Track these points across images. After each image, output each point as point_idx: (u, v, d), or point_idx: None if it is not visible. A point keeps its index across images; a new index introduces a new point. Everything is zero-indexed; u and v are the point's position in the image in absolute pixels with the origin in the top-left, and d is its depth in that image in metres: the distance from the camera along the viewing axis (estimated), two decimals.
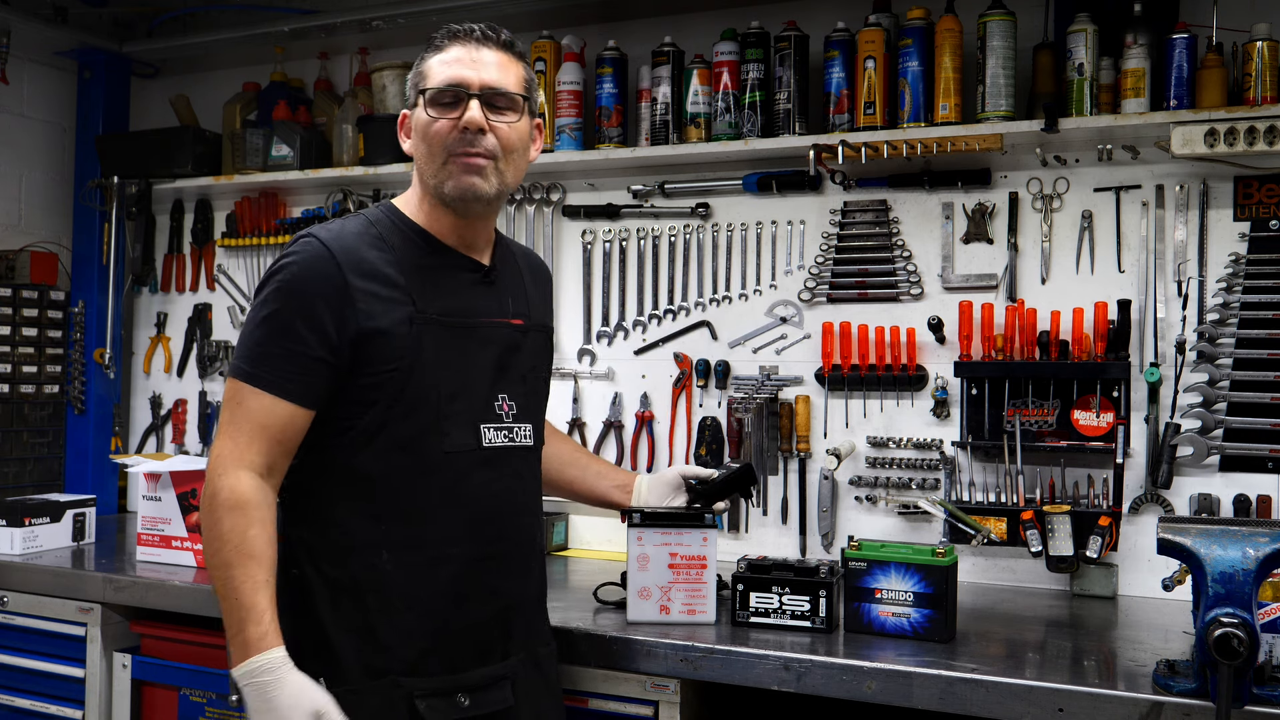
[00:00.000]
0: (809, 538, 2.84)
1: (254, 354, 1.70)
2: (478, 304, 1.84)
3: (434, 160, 1.77)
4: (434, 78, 1.77)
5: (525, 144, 1.84)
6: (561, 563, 2.88)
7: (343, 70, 3.54)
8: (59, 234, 3.75)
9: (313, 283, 1.69)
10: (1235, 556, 1.67)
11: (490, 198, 1.79)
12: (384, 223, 1.81)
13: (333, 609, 1.73)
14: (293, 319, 1.68)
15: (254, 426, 1.68)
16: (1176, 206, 2.55)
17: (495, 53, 1.79)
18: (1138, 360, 2.55)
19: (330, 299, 1.69)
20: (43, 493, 3.35)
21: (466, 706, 1.76)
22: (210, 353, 3.64)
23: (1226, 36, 2.45)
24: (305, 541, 1.76)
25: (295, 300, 1.69)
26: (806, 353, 2.87)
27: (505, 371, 1.84)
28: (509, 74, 1.79)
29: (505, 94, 1.77)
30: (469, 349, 1.79)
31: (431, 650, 1.75)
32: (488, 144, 1.75)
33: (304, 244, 1.74)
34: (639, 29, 3.07)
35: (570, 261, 3.16)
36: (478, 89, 1.75)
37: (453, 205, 1.79)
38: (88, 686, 2.64)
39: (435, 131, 1.76)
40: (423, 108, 1.78)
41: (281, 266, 1.73)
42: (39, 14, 3.47)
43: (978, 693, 1.82)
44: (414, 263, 1.78)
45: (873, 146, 2.63)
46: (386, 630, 1.72)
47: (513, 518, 1.87)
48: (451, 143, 1.75)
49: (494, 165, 1.77)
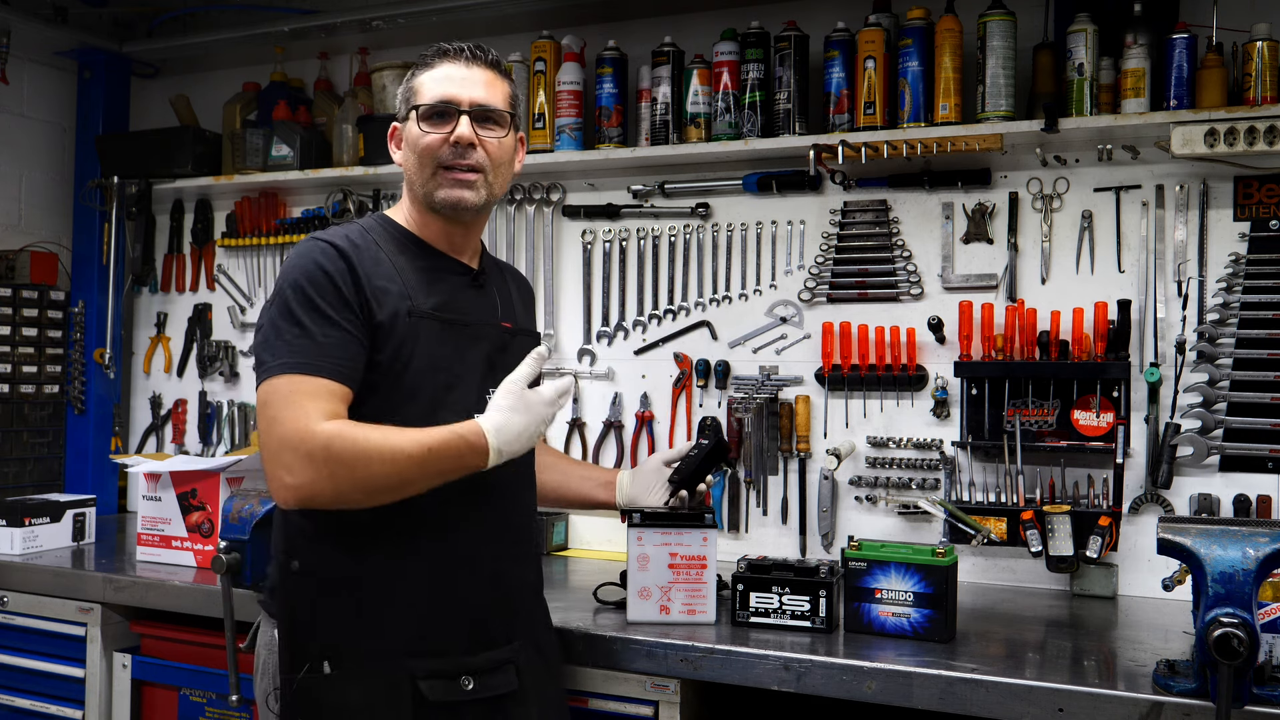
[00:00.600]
0: (809, 538, 2.85)
1: (291, 347, 1.71)
2: (468, 304, 1.90)
3: (424, 171, 1.85)
4: (425, 94, 1.86)
5: (511, 157, 1.94)
6: (561, 563, 2.88)
7: (343, 70, 3.54)
8: (59, 234, 3.75)
9: (330, 274, 1.74)
10: (1235, 556, 1.67)
11: (479, 207, 1.88)
12: (376, 229, 1.88)
13: (335, 595, 1.75)
14: (321, 308, 1.72)
15: (313, 399, 1.68)
16: (1176, 206, 2.55)
17: (484, 71, 1.89)
18: (1138, 360, 2.55)
19: (348, 288, 1.74)
20: (43, 493, 3.35)
21: (470, 689, 1.78)
22: (210, 353, 3.64)
23: (1226, 36, 2.45)
24: (305, 531, 1.78)
25: (320, 291, 1.73)
26: (806, 353, 2.87)
27: (494, 369, 1.89)
28: (496, 92, 1.89)
29: (493, 110, 1.87)
30: (461, 344, 1.85)
31: (433, 633, 1.78)
32: (477, 157, 1.85)
33: (311, 245, 1.79)
34: (639, 29, 3.07)
35: (570, 261, 3.16)
36: (467, 105, 1.85)
37: (442, 213, 1.87)
38: (88, 686, 2.65)
39: (426, 145, 1.84)
40: (415, 122, 1.86)
41: (295, 266, 1.77)
42: (39, 14, 3.47)
43: (978, 693, 1.83)
44: (407, 264, 1.84)
45: (873, 146, 2.63)
46: (388, 614, 1.75)
47: (509, 506, 1.91)
48: (442, 156, 1.84)
49: (483, 178, 1.86)
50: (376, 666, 1.73)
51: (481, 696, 1.79)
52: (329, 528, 1.76)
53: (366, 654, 1.74)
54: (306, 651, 1.73)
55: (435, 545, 1.80)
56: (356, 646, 1.74)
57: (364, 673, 1.73)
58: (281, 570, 1.79)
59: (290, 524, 1.79)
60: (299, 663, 1.74)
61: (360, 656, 1.74)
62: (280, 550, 1.80)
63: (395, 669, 1.73)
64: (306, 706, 1.74)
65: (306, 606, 1.76)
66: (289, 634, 1.76)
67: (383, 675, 1.73)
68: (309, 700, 1.74)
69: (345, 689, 1.71)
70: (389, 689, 1.73)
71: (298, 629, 1.75)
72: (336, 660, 1.73)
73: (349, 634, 1.74)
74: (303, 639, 1.74)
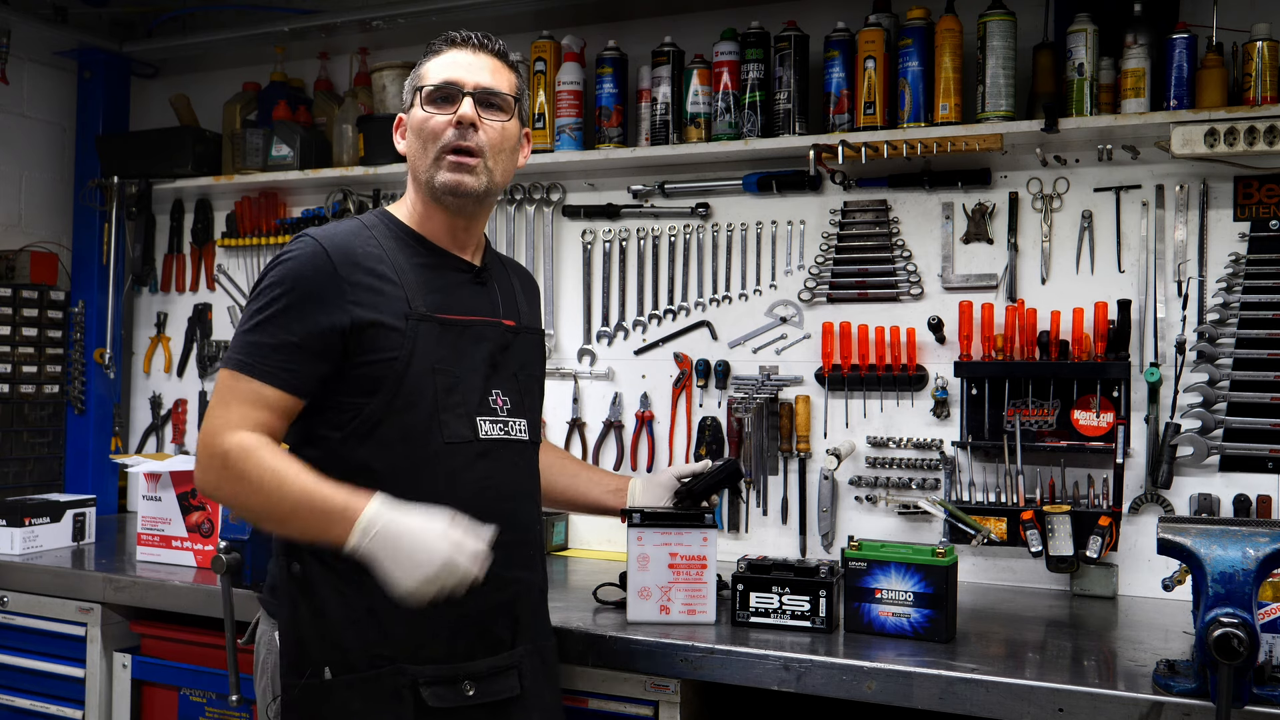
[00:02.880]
0: (809, 538, 2.85)
1: (244, 344, 1.74)
2: (470, 302, 1.89)
3: (427, 154, 1.84)
4: (430, 77, 1.87)
5: (514, 146, 1.92)
6: (561, 563, 2.88)
7: (343, 70, 3.54)
8: (59, 234, 3.75)
9: (306, 277, 1.74)
10: (1235, 556, 1.67)
11: (479, 194, 1.85)
12: (378, 226, 1.87)
13: (337, 599, 1.74)
14: (283, 311, 1.73)
15: (244, 404, 1.72)
16: (1176, 206, 2.55)
17: (489, 59, 1.89)
18: (1138, 360, 2.55)
19: (323, 292, 1.73)
20: (43, 493, 3.35)
21: (471, 695, 1.77)
22: (210, 353, 3.64)
23: (1226, 36, 2.45)
24: None
25: (288, 294, 1.73)
26: (806, 353, 2.87)
27: (497, 369, 1.88)
28: (501, 78, 1.89)
29: (497, 94, 1.87)
30: (462, 345, 1.83)
31: (436, 638, 1.76)
32: (479, 139, 1.83)
33: (299, 243, 1.80)
34: (639, 29, 3.07)
35: (570, 261, 3.16)
36: (471, 88, 1.85)
37: (443, 200, 1.85)
38: (88, 686, 2.64)
39: (430, 127, 1.84)
40: (419, 105, 1.86)
41: (277, 263, 1.78)
42: (39, 14, 3.47)
43: (978, 693, 1.83)
44: (407, 262, 1.83)
45: (873, 146, 2.63)
46: (390, 619, 1.73)
47: (513, 509, 1.88)
48: (445, 139, 1.83)
49: (483, 163, 1.84)
50: (377, 672, 1.72)
51: (483, 702, 1.78)
52: None
53: (367, 660, 1.73)
54: (307, 657, 1.72)
55: None
56: (357, 652, 1.73)
57: (364, 678, 1.72)
58: (283, 573, 1.79)
59: None
60: (300, 668, 1.74)
61: (361, 662, 1.72)
62: (281, 553, 1.80)
63: (396, 675, 1.72)
64: (307, 713, 1.73)
65: (307, 610, 1.75)
66: (289, 638, 1.75)
67: (384, 681, 1.72)
68: (309, 707, 1.73)
69: (346, 695, 1.70)
70: (390, 695, 1.72)
71: (298, 633, 1.75)
72: (337, 666, 1.72)
73: (349, 639, 1.73)
74: (303, 644, 1.73)
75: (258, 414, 1.71)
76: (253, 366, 1.71)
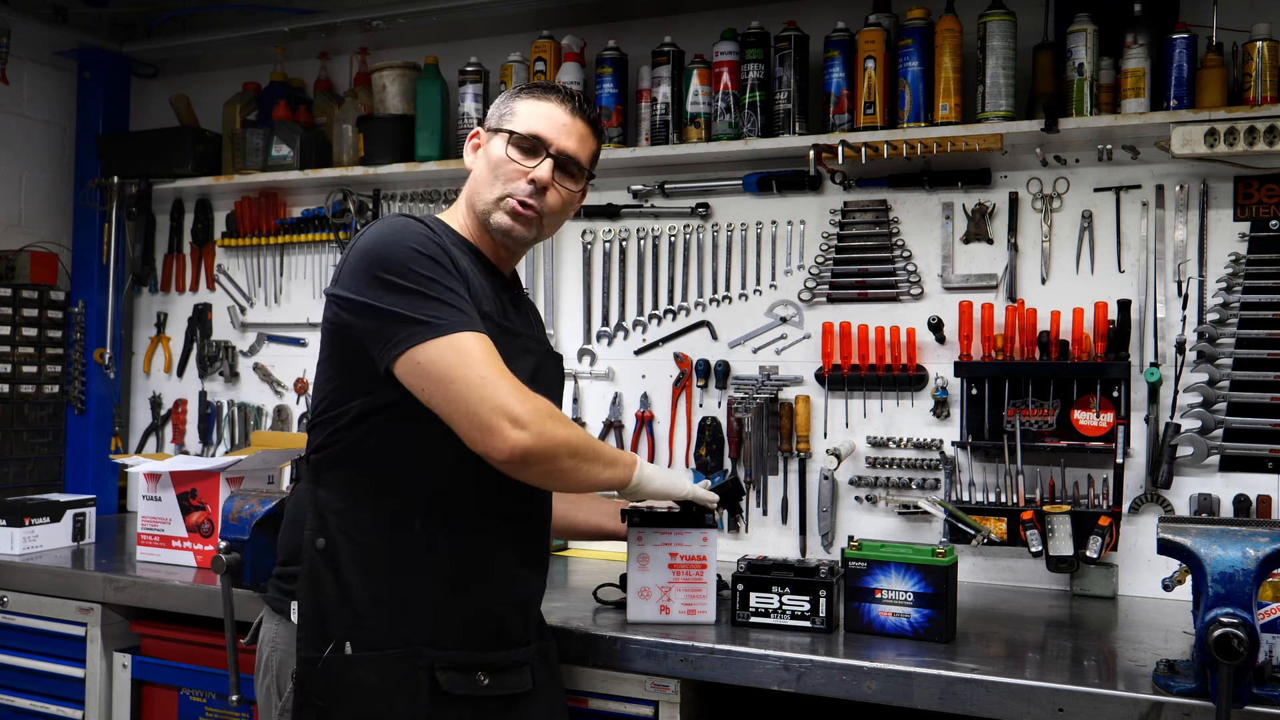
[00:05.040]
0: (809, 538, 2.85)
1: (449, 307, 1.69)
2: (513, 316, 1.93)
3: (493, 190, 1.87)
4: (522, 122, 1.88)
5: (571, 209, 1.97)
6: (561, 563, 2.88)
7: (343, 70, 3.54)
8: (59, 234, 3.75)
9: (443, 246, 1.75)
10: (1235, 556, 1.67)
11: (527, 242, 1.93)
12: (440, 225, 1.87)
13: (362, 576, 1.75)
14: (442, 278, 1.71)
15: (493, 357, 1.68)
16: (1176, 206, 2.55)
17: (582, 125, 1.92)
18: (1138, 360, 2.55)
19: (451, 265, 1.75)
20: (43, 493, 3.35)
21: (486, 685, 1.79)
22: (210, 353, 3.64)
23: (1226, 36, 2.45)
24: (337, 510, 1.77)
25: (437, 260, 1.72)
26: (806, 353, 2.87)
27: (535, 382, 1.86)
28: (586, 147, 1.93)
29: (577, 164, 1.91)
30: (512, 353, 1.82)
31: (456, 625, 1.78)
32: (546, 201, 1.88)
33: (408, 222, 1.78)
34: (639, 29, 3.07)
35: (570, 261, 3.16)
36: (555, 151, 1.88)
37: (492, 234, 1.89)
38: (88, 686, 2.64)
39: (506, 171, 1.87)
40: (504, 144, 1.87)
41: (401, 234, 1.74)
42: (39, 14, 3.47)
43: (978, 693, 1.83)
44: (468, 266, 1.83)
45: (873, 146, 2.63)
46: (415, 601, 1.76)
47: (539, 512, 1.93)
48: (515, 188, 1.86)
49: (539, 219, 1.89)
50: (396, 652, 1.74)
51: (496, 694, 1.80)
52: (363, 513, 1.76)
53: (388, 638, 1.74)
54: (328, 631, 1.73)
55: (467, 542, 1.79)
56: (378, 630, 1.74)
57: (384, 657, 1.74)
58: (309, 547, 1.77)
59: (321, 504, 1.78)
60: (319, 642, 1.74)
61: (381, 640, 1.74)
62: (310, 528, 1.78)
63: (415, 656, 1.74)
64: (326, 685, 1.74)
65: (333, 585, 1.75)
66: (311, 611, 1.75)
67: (402, 661, 1.74)
68: (326, 680, 1.74)
69: (364, 671, 1.72)
70: (406, 676, 1.74)
71: (320, 607, 1.74)
72: (357, 642, 1.74)
73: (371, 617, 1.74)
74: (324, 618, 1.74)
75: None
76: (475, 324, 1.70)
